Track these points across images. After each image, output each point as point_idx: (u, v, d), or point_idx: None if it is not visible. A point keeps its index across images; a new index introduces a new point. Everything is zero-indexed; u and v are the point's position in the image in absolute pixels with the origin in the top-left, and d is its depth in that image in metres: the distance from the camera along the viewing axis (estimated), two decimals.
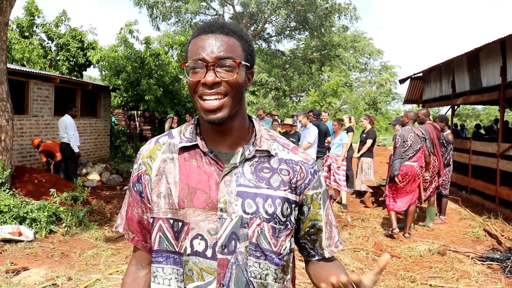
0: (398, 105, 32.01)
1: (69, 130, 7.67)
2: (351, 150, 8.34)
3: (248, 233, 1.00)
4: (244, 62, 1.02)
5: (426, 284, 4.01)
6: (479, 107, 32.32)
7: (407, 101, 13.26)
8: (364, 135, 8.08)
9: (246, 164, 1.04)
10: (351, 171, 8.53)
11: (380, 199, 7.49)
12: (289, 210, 1.05)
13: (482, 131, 17.89)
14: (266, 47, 24.43)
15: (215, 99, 0.97)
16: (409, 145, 5.38)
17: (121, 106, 14.72)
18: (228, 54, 0.98)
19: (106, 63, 13.60)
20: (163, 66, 12.95)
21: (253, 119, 1.12)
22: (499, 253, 4.83)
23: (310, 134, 7.37)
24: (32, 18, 15.52)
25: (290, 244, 1.08)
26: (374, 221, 6.43)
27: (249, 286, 1.00)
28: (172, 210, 1.02)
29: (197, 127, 1.09)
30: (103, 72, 15.30)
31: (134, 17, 56.14)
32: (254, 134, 1.08)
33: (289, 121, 8.06)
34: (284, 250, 1.05)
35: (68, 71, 16.11)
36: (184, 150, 1.06)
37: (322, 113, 8.81)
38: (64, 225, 5.47)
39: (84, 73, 17.80)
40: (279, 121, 10.75)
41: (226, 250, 0.99)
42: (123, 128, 15.41)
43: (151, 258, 1.08)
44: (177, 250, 1.02)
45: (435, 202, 6.32)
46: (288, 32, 23.26)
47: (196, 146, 1.05)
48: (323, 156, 7.89)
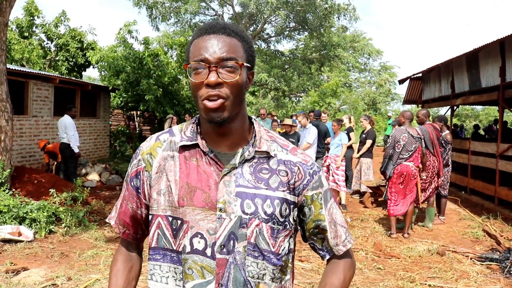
0: (397, 105, 32.03)
1: (68, 130, 7.67)
2: (351, 150, 8.36)
3: (246, 233, 1.01)
4: (245, 64, 1.02)
5: (425, 284, 4.02)
6: (479, 108, 32.35)
7: (407, 101, 13.28)
8: (363, 136, 8.09)
9: (245, 165, 1.04)
10: (351, 172, 8.54)
11: (379, 200, 7.50)
12: (287, 210, 1.06)
13: (481, 132, 17.91)
14: (266, 48, 24.43)
15: (217, 100, 0.97)
16: (402, 145, 5.33)
17: (120, 107, 14.72)
18: (230, 55, 0.98)
19: (106, 64, 13.61)
20: (162, 66, 12.95)
21: (253, 120, 1.13)
22: (498, 253, 4.84)
23: (310, 134, 7.38)
24: (31, 18, 15.52)
25: (289, 244, 1.09)
26: (373, 221, 6.44)
27: (246, 285, 1.01)
28: (171, 207, 1.03)
29: (197, 127, 1.09)
30: (103, 72, 15.29)
31: (134, 17, 56.19)
32: (253, 135, 1.09)
33: (288, 121, 8.08)
34: (282, 250, 1.06)
35: (67, 72, 16.11)
36: (184, 148, 1.07)
37: (322, 113, 8.82)
38: (63, 225, 5.48)
39: (83, 73, 17.81)
40: (279, 121, 10.76)
41: (225, 250, 1.00)
42: (123, 128, 15.40)
43: (148, 255, 1.09)
44: (174, 248, 1.03)
45: (434, 202, 6.33)
46: (287, 32, 23.25)
47: (196, 145, 1.06)
48: (323, 156, 7.90)
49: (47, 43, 16.54)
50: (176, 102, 13.65)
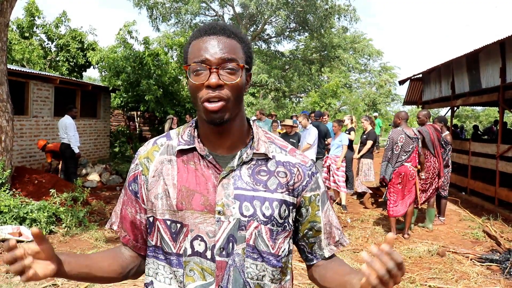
0: (397, 106, 32.01)
1: (69, 130, 7.68)
2: (352, 151, 8.35)
3: (245, 235, 1.01)
4: (245, 66, 1.02)
5: (425, 285, 4.02)
6: (479, 108, 32.33)
7: (407, 102, 13.28)
8: (364, 136, 8.08)
9: (243, 167, 1.04)
10: (351, 172, 8.54)
11: (379, 200, 7.50)
12: (286, 212, 1.06)
13: (481, 132, 17.91)
14: (266, 48, 24.44)
15: (218, 102, 0.97)
16: (400, 147, 5.32)
17: (121, 107, 14.73)
18: (231, 56, 0.98)
19: (106, 64, 13.61)
20: (162, 66, 12.95)
21: (251, 122, 1.13)
22: (498, 254, 4.84)
23: (310, 135, 7.38)
24: (32, 18, 15.54)
25: (289, 245, 1.09)
26: (373, 222, 6.44)
27: (246, 287, 1.01)
28: (170, 211, 1.03)
29: (195, 130, 1.09)
30: (103, 73, 15.31)
31: (134, 18, 56.18)
32: (251, 136, 1.09)
33: (289, 122, 8.07)
34: (282, 252, 1.06)
35: (68, 72, 16.12)
36: (182, 152, 1.07)
37: (323, 115, 8.82)
38: (64, 225, 5.48)
39: (84, 74, 17.82)
40: (279, 121, 10.76)
41: (224, 253, 1.00)
42: (123, 128, 15.41)
43: (153, 253, 1.08)
44: (174, 251, 1.03)
45: (435, 203, 6.33)
46: (287, 33, 23.27)
47: (194, 149, 1.06)
48: (323, 157, 7.90)
49: (48, 44, 16.56)
50: (176, 102, 13.66)
